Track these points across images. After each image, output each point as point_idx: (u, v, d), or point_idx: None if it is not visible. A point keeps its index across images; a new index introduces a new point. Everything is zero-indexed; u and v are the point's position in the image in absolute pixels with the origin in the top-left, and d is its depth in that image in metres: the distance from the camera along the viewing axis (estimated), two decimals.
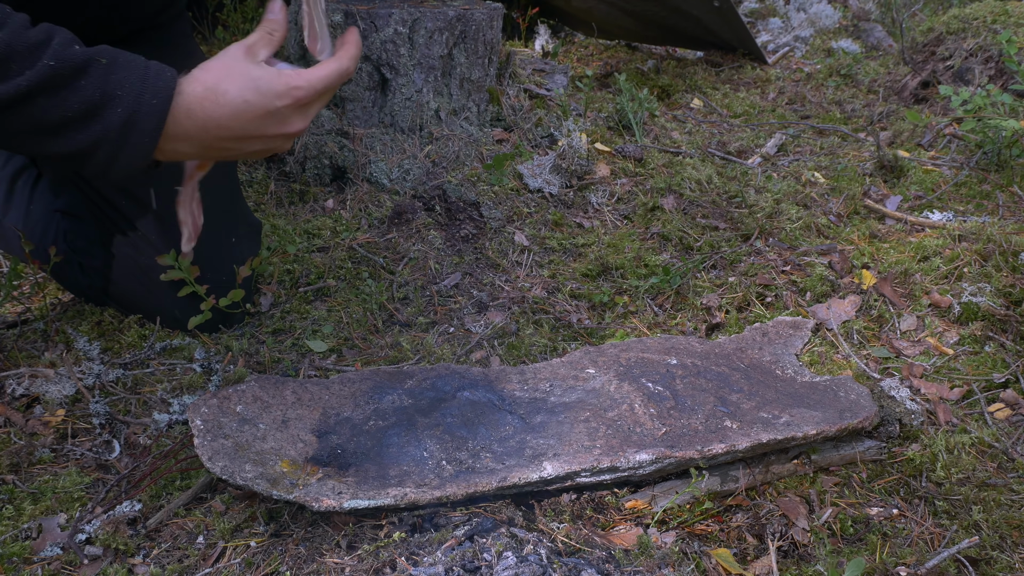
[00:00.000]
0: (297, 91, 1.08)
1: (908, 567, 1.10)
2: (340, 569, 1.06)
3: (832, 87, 3.30)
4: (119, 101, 1.00)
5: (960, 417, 1.42)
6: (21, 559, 1.11)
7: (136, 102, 1.01)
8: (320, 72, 1.10)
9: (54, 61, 0.98)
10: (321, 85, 1.10)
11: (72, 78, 0.99)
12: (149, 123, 1.01)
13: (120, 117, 1.00)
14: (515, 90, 2.65)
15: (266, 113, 1.07)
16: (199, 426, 1.19)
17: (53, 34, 1.00)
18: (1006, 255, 1.76)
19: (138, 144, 1.02)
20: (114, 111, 1.00)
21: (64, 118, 0.99)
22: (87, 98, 0.99)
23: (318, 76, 1.10)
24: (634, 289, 1.82)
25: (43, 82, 0.97)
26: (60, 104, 0.98)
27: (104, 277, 1.61)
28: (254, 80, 1.07)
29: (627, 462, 1.18)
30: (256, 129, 1.08)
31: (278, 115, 1.08)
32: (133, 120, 1.01)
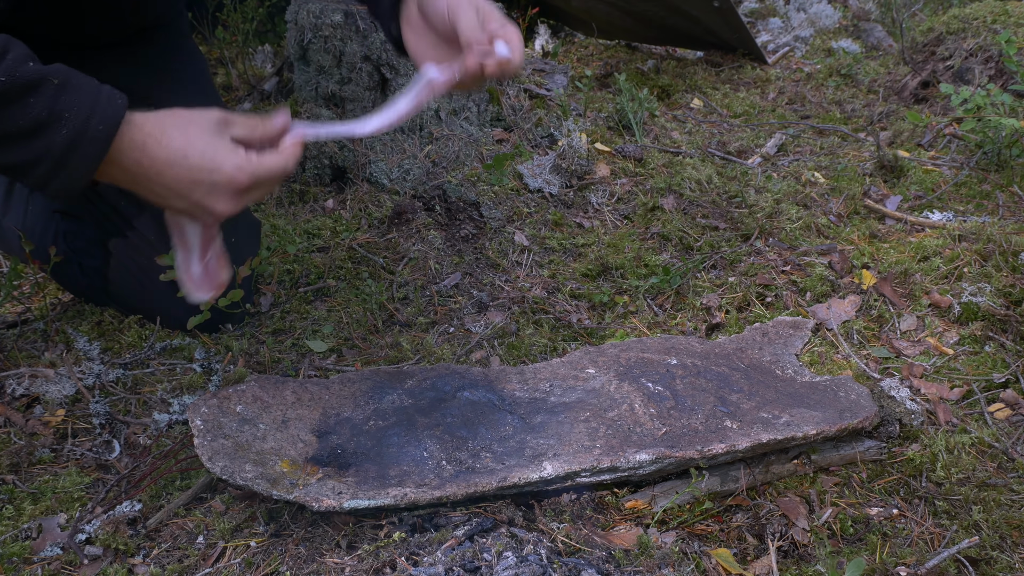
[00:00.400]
0: (239, 175, 1.06)
1: (908, 567, 1.10)
2: (340, 569, 1.06)
3: (832, 87, 3.30)
4: (65, 123, 1.00)
5: (960, 417, 1.42)
6: (21, 559, 1.11)
7: (83, 125, 1.01)
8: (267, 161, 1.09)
9: (4, 76, 0.98)
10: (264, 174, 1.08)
11: (22, 94, 0.99)
12: (92, 148, 1.02)
13: (64, 139, 1.00)
14: (515, 90, 2.65)
15: (198, 179, 1.06)
16: (199, 426, 1.19)
17: (8, 48, 1.00)
18: (1006, 255, 1.76)
19: (78, 166, 1.02)
20: (59, 132, 1.00)
21: (7, 132, 0.99)
22: (34, 116, 0.99)
23: (265, 166, 1.09)
24: (634, 289, 1.82)
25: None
26: (8, 117, 0.98)
27: (103, 277, 1.61)
28: (205, 144, 1.07)
29: (627, 462, 1.18)
30: (183, 188, 1.07)
31: (210, 187, 1.07)
32: (77, 143, 1.01)
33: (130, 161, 1.05)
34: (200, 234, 1.16)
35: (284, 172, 1.11)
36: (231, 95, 2.68)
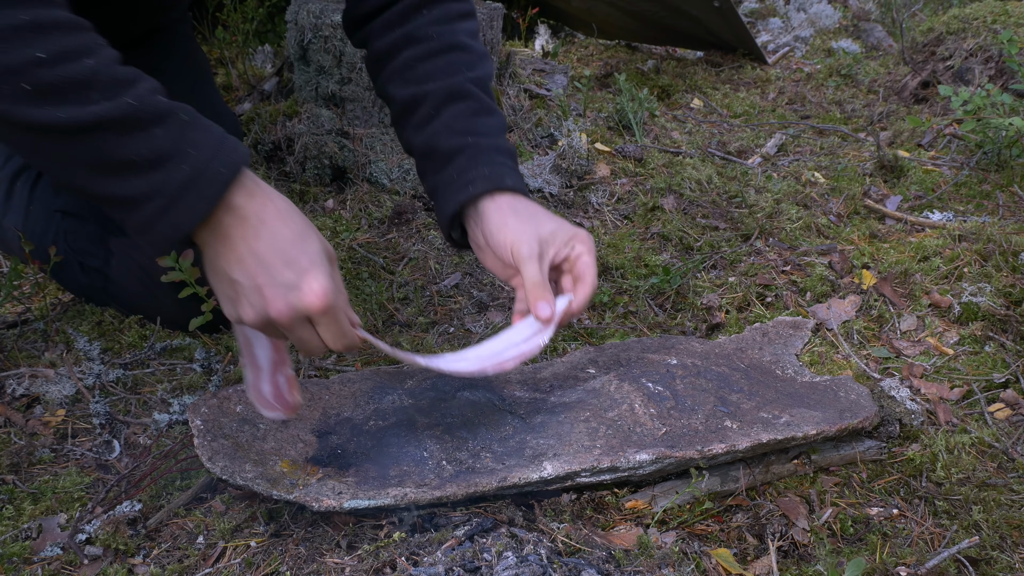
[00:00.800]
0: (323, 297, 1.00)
1: (908, 567, 1.10)
2: (340, 569, 1.06)
3: (832, 87, 3.30)
4: (188, 159, 0.97)
5: (960, 417, 1.42)
6: (21, 559, 1.11)
7: (205, 165, 0.98)
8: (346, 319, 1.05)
9: (136, 101, 0.95)
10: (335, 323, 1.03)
11: (149, 123, 0.96)
12: (210, 189, 0.98)
13: (184, 175, 0.97)
14: (515, 90, 2.65)
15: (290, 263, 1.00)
16: (199, 426, 1.19)
17: (141, 77, 0.98)
18: (1006, 255, 1.76)
19: (192, 207, 0.97)
20: (179, 167, 0.97)
21: (128, 160, 0.95)
22: (157, 147, 0.96)
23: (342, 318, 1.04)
24: (634, 289, 1.82)
25: (119, 117, 0.94)
26: (129, 144, 0.95)
27: (104, 277, 1.61)
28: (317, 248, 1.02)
29: (627, 462, 1.18)
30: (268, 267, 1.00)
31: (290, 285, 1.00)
32: (195, 182, 0.97)
33: (238, 212, 1.00)
34: (270, 354, 1.12)
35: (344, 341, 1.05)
36: (231, 95, 2.68)
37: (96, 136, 0.94)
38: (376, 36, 1.35)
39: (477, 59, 1.34)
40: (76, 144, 0.94)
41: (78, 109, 0.92)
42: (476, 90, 1.31)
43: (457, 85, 1.29)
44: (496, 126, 1.32)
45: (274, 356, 1.12)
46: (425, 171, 1.33)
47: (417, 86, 1.31)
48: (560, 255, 1.26)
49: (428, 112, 1.30)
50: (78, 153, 0.95)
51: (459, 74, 1.30)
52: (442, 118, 1.29)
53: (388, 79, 1.34)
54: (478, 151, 1.27)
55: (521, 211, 1.25)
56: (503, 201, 1.25)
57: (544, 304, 1.22)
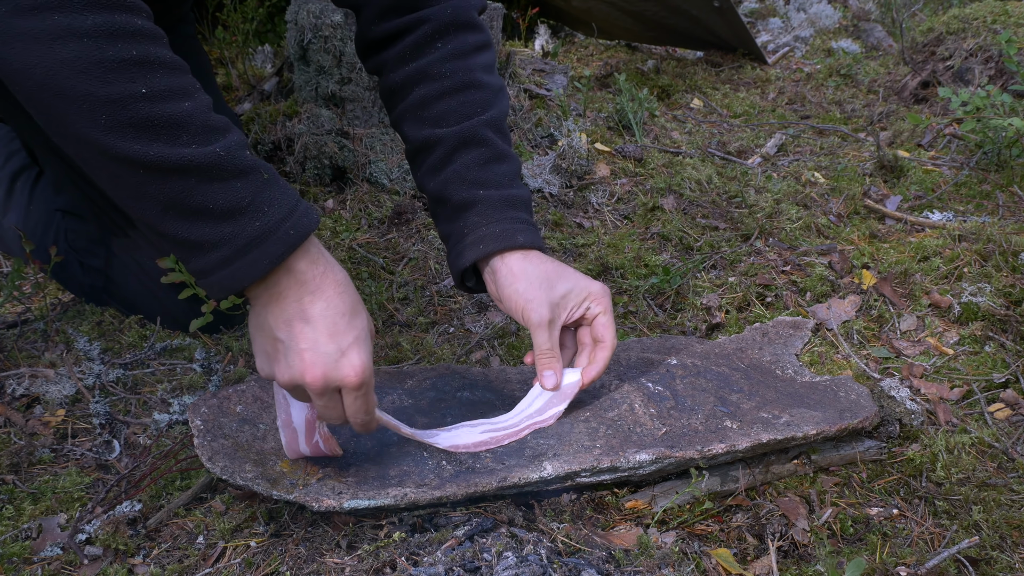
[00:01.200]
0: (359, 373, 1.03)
1: (908, 567, 1.10)
2: (340, 569, 1.06)
3: (832, 87, 3.30)
4: (262, 216, 0.98)
5: (960, 417, 1.42)
6: (21, 559, 1.11)
7: (276, 225, 0.99)
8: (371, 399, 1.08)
9: (224, 152, 0.97)
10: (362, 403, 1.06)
11: (232, 175, 0.97)
12: (278, 248, 0.99)
13: (255, 230, 0.98)
14: (515, 90, 2.65)
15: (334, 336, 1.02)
16: (199, 426, 1.19)
17: (232, 129, 1.00)
18: (1006, 255, 1.76)
19: (256, 262, 0.99)
20: (252, 223, 0.98)
21: (204, 207, 0.97)
22: (236, 200, 0.97)
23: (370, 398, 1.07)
24: (634, 289, 1.82)
25: (205, 165, 0.95)
26: (209, 193, 0.96)
27: (105, 276, 1.61)
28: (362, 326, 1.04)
29: (627, 462, 1.18)
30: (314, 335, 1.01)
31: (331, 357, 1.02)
32: (263, 240, 0.98)
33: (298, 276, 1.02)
34: (306, 415, 1.12)
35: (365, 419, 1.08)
36: (231, 95, 2.68)
37: (179, 178, 0.95)
38: (390, 68, 1.33)
39: (492, 96, 1.32)
40: (158, 183, 0.95)
41: (168, 149, 0.94)
42: (490, 134, 1.29)
43: (470, 130, 1.28)
44: (508, 174, 1.31)
45: (309, 416, 1.13)
46: (437, 216, 1.33)
47: (430, 129, 1.29)
48: (574, 316, 1.27)
49: (440, 158, 1.29)
50: (157, 191, 0.96)
51: (473, 116, 1.29)
52: (454, 166, 1.28)
53: (401, 116, 1.33)
54: (489, 207, 1.27)
55: (531, 274, 1.24)
56: (513, 261, 1.25)
57: (550, 374, 1.25)
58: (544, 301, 1.23)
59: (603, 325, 1.26)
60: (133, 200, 0.98)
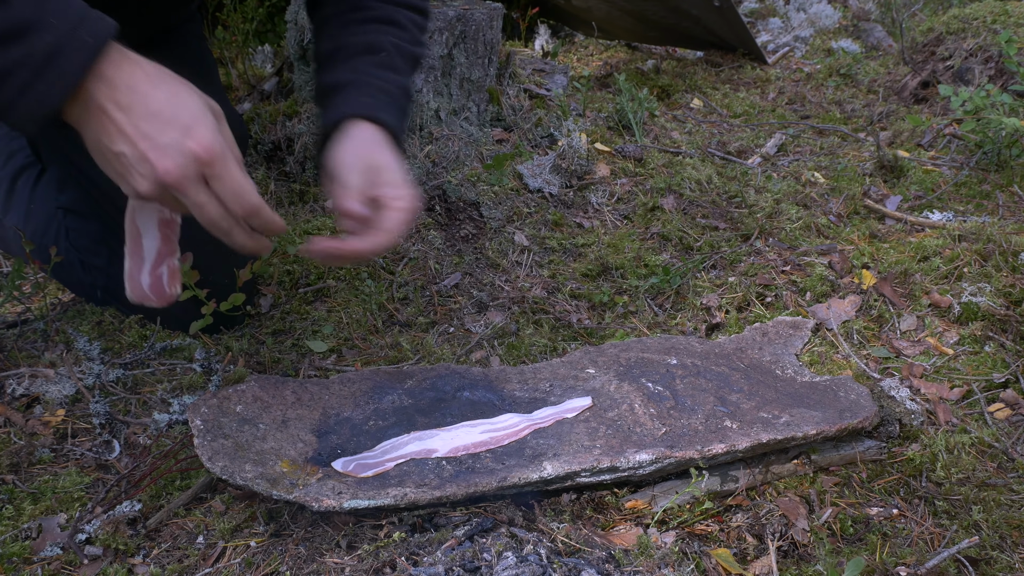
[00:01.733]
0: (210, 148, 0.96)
1: (908, 567, 1.10)
2: (340, 569, 1.06)
3: (832, 87, 3.30)
4: (51, 29, 0.91)
5: (960, 417, 1.42)
6: (21, 559, 1.11)
7: (69, 35, 0.92)
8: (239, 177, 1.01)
9: None
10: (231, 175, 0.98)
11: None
12: (78, 57, 0.92)
13: (48, 45, 0.91)
14: (515, 90, 2.65)
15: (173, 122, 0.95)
16: (199, 426, 1.19)
17: None
18: (1006, 255, 1.76)
19: (61, 77, 0.91)
20: (42, 37, 0.91)
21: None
22: (17, 17, 0.91)
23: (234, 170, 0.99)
24: (634, 289, 1.82)
25: None
26: None
27: (107, 276, 1.61)
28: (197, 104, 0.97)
29: (627, 462, 1.18)
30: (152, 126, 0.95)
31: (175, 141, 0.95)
32: (60, 50, 0.91)
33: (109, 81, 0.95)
34: (158, 245, 1.08)
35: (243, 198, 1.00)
36: (231, 95, 2.68)
37: None
38: (327, 4, 1.40)
39: (408, 37, 1.37)
40: None
41: None
42: (394, 51, 1.33)
43: (376, 42, 1.33)
44: (396, 83, 1.33)
45: (161, 248, 1.08)
46: (320, 109, 1.34)
47: (342, 39, 1.35)
48: (383, 193, 1.19)
49: (341, 58, 1.33)
50: None
51: (384, 36, 1.34)
52: (351, 63, 1.32)
53: (320, 37, 1.39)
54: (367, 87, 1.29)
55: (374, 140, 1.23)
56: (366, 128, 1.24)
57: (353, 202, 1.17)
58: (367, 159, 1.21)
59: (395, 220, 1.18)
60: None
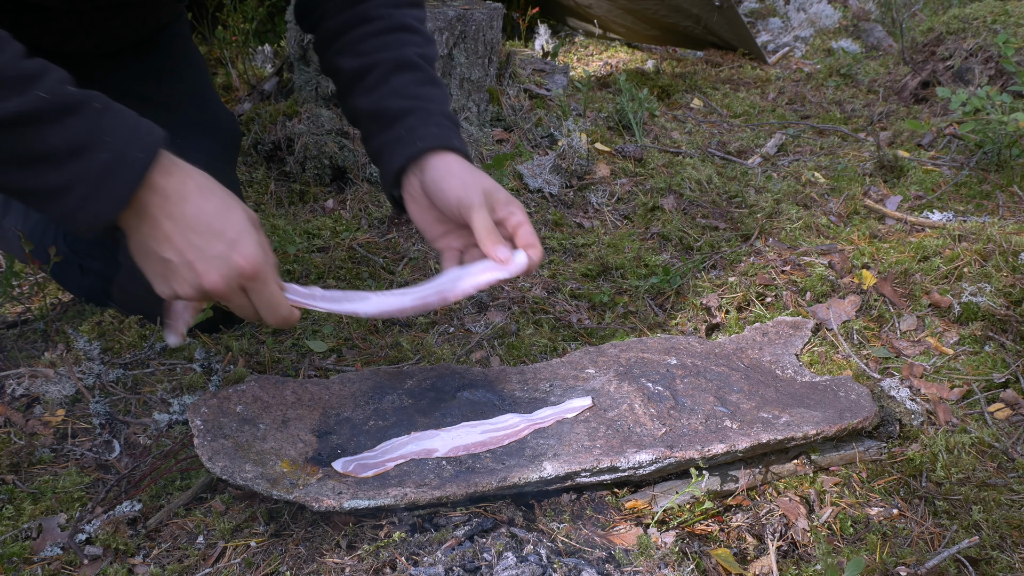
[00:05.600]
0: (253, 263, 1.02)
1: (908, 567, 1.10)
2: (340, 569, 1.06)
3: (832, 87, 3.30)
4: (105, 147, 0.97)
5: (960, 417, 1.42)
6: (21, 559, 1.11)
7: (122, 151, 0.98)
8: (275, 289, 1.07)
9: (46, 94, 0.95)
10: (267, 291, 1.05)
11: (62, 115, 0.96)
12: (130, 173, 0.98)
13: (102, 163, 0.97)
14: (515, 90, 2.65)
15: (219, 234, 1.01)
16: (199, 426, 1.19)
17: (49, 69, 0.98)
18: (1006, 255, 1.76)
19: (114, 193, 0.98)
20: (97, 156, 0.97)
21: (44, 153, 0.95)
22: (73, 138, 0.96)
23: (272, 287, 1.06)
24: (634, 289, 1.82)
25: (31, 112, 0.94)
26: (43, 138, 0.95)
27: (104, 278, 1.61)
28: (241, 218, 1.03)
29: (627, 462, 1.18)
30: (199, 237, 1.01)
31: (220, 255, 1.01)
32: (115, 168, 0.98)
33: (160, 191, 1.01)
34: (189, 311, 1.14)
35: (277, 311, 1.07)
36: (231, 95, 2.68)
37: (9, 132, 0.93)
38: (328, 16, 1.41)
39: (424, 40, 1.41)
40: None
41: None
42: (424, 64, 1.37)
43: (405, 57, 1.35)
44: (442, 96, 1.37)
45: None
46: (371, 133, 1.36)
47: (367, 57, 1.36)
48: (501, 212, 1.25)
49: (376, 79, 1.35)
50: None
51: (408, 48, 1.36)
52: (391, 84, 1.34)
53: (337, 52, 1.40)
54: (427, 113, 1.32)
55: (466, 167, 1.28)
56: (450, 158, 1.28)
57: (502, 248, 1.22)
58: (480, 187, 1.24)
59: (530, 232, 1.25)
60: None
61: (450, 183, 1.25)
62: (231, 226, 1.03)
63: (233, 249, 1.02)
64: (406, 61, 1.35)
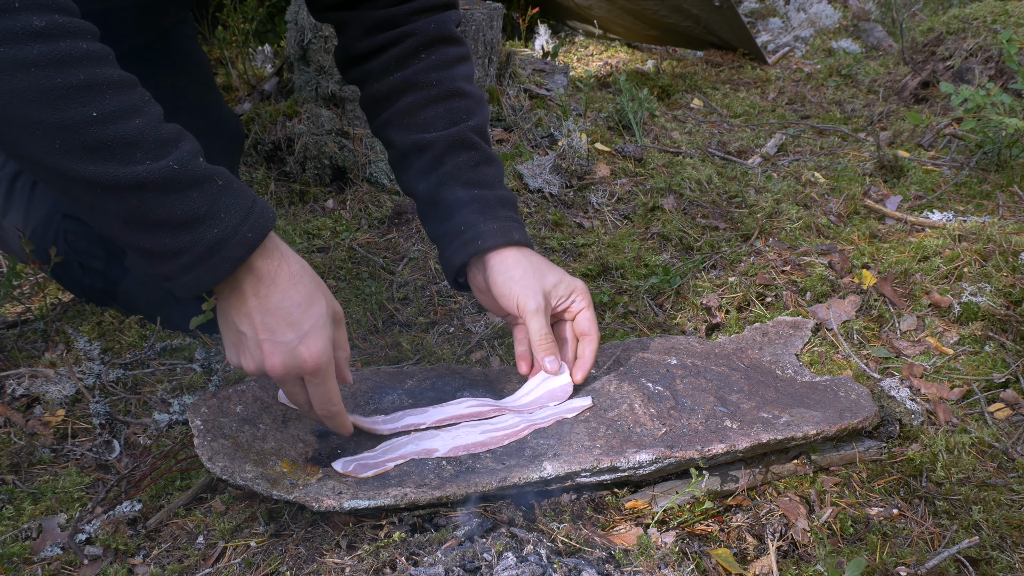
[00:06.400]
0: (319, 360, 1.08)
1: (908, 567, 1.10)
2: (340, 569, 1.06)
3: (832, 87, 3.30)
4: (219, 223, 1.02)
5: (960, 417, 1.42)
6: (21, 559, 1.11)
7: (234, 229, 1.03)
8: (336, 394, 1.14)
9: (177, 165, 0.99)
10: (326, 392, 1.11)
11: (187, 186, 1.00)
12: (237, 251, 1.03)
13: (214, 237, 1.02)
14: (515, 90, 2.65)
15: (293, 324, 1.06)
16: (199, 426, 1.19)
17: (183, 138, 1.02)
18: (1006, 255, 1.76)
19: (218, 267, 1.03)
20: (211, 230, 1.01)
21: (163, 219, 1.00)
22: (193, 209, 1.00)
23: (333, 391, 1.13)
24: (634, 289, 1.82)
25: (160, 180, 0.98)
26: (166, 206, 0.99)
27: (105, 277, 1.61)
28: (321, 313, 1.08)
29: (627, 462, 1.18)
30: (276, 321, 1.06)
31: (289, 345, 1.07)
32: (224, 244, 1.02)
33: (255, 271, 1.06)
34: None
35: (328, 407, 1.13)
36: (231, 95, 2.68)
37: (136, 195, 0.98)
38: (374, 78, 1.38)
39: (475, 105, 1.38)
40: (115, 200, 0.98)
41: (122, 168, 0.96)
42: (478, 140, 1.36)
43: (459, 135, 1.34)
44: (498, 176, 1.37)
45: None
46: (429, 217, 1.38)
47: (419, 133, 1.35)
48: (561, 306, 1.33)
49: (431, 160, 1.34)
50: (116, 208, 0.99)
51: (460, 123, 1.35)
52: (446, 167, 1.34)
53: (387, 122, 1.38)
54: (485, 205, 1.33)
55: (526, 265, 1.30)
56: (509, 255, 1.30)
57: (552, 358, 1.30)
58: (539, 289, 1.29)
59: (588, 319, 1.33)
60: (93, 216, 1.01)
61: (510, 288, 1.29)
62: (308, 318, 1.08)
63: (302, 341, 1.07)
64: (460, 140, 1.34)
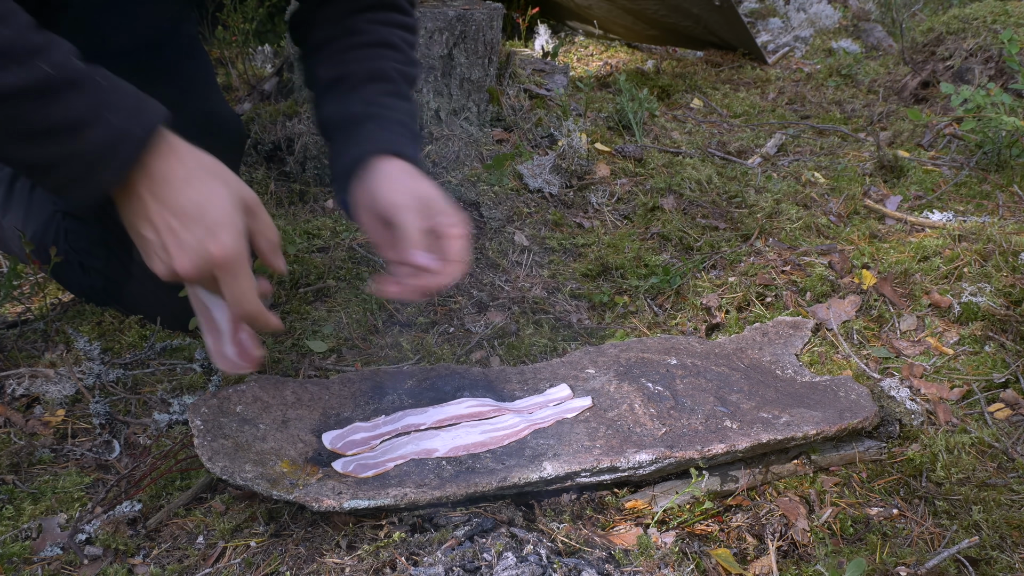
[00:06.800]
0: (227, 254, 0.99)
1: (908, 567, 1.10)
2: (340, 569, 1.06)
3: (832, 87, 3.30)
4: (104, 125, 0.97)
5: (960, 417, 1.42)
6: (21, 559, 1.11)
7: (121, 130, 0.97)
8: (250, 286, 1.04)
9: (51, 68, 0.94)
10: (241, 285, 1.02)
11: (65, 89, 0.95)
12: (126, 152, 0.98)
13: (101, 139, 0.97)
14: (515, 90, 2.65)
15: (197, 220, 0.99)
16: (199, 426, 1.19)
17: (55, 42, 0.97)
18: (1006, 255, 1.76)
19: (109, 170, 0.98)
20: (97, 132, 0.96)
21: (45, 127, 0.95)
22: (74, 114, 0.96)
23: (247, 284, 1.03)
24: (634, 289, 1.82)
25: (34, 85, 0.93)
26: (46, 112, 0.94)
27: (105, 277, 1.61)
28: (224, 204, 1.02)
29: (627, 462, 1.18)
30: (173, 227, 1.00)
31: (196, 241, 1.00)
32: (113, 145, 0.97)
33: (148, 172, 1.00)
34: (228, 314, 1.11)
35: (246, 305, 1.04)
36: (231, 95, 2.69)
37: (12, 105, 0.93)
38: (317, 28, 1.40)
39: (406, 60, 1.39)
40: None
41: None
42: (398, 78, 1.36)
43: (380, 69, 1.35)
44: (409, 110, 1.36)
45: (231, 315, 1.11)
46: (334, 140, 1.35)
47: (343, 66, 1.35)
48: (436, 222, 1.22)
49: (347, 88, 1.34)
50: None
51: (386, 62, 1.36)
52: (359, 92, 1.33)
53: (318, 63, 1.39)
54: (386, 121, 1.31)
55: (412, 174, 1.26)
56: (396, 164, 1.26)
57: (421, 253, 1.19)
58: (414, 192, 1.22)
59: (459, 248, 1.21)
60: None
61: (387, 186, 1.23)
62: (212, 212, 1.01)
63: (210, 236, 1.00)
64: (380, 73, 1.34)
